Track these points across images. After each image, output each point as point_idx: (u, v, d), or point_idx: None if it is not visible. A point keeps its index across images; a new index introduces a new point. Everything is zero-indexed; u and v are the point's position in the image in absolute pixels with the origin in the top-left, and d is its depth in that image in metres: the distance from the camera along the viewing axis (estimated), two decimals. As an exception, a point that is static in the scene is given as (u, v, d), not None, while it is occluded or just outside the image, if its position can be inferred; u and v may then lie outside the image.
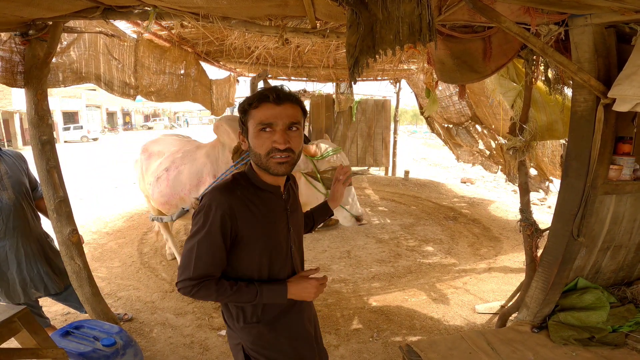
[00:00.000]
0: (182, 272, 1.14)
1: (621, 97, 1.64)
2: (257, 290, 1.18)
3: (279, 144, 1.13)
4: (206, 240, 1.13)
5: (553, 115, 2.50)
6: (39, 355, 1.71)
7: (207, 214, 1.13)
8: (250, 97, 1.18)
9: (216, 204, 1.13)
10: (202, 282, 1.13)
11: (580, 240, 1.95)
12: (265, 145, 1.14)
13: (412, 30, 1.29)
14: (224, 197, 1.15)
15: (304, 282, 1.26)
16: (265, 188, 1.23)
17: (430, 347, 1.89)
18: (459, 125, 5.97)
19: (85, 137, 24.80)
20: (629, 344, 1.85)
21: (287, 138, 1.14)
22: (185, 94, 4.60)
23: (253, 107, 1.15)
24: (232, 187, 1.19)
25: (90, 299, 2.57)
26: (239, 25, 2.41)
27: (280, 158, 1.14)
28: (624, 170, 1.91)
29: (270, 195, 1.24)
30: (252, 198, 1.19)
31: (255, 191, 1.22)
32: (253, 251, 1.20)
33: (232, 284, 1.16)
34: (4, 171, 2.29)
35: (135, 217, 6.05)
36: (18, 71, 2.29)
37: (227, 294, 1.15)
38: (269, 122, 1.13)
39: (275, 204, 1.25)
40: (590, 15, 1.72)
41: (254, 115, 1.15)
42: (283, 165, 1.16)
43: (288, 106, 1.15)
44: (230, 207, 1.13)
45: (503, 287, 3.55)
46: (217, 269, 1.16)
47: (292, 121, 1.15)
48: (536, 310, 2.11)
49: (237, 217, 1.14)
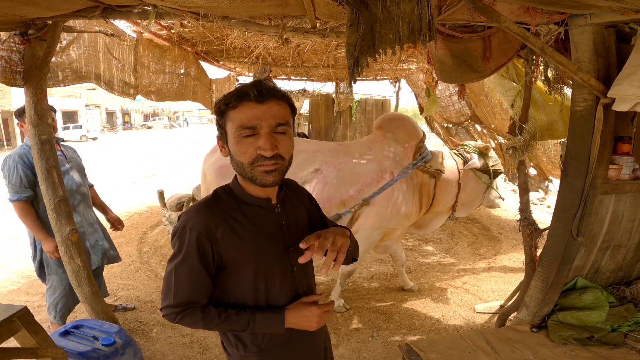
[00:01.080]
0: (164, 299, 1.03)
1: (621, 96, 1.64)
2: (249, 318, 1.03)
3: (264, 150, 0.95)
4: (184, 265, 1.00)
5: (553, 114, 2.51)
6: (39, 354, 1.71)
7: (181, 237, 1.00)
8: (226, 96, 0.99)
9: (190, 225, 0.99)
10: (185, 309, 1.01)
11: (579, 239, 1.95)
12: (248, 152, 0.97)
13: (412, 30, 1.29)
14: (200, 217, 1.00)
15: (304, 310, 1.08)
16: (252, 202, 1.07)
17: (429, 347, 1.89)
18: (458, 125, 5.96)
19: (84, 136, 24.76)
20: (628, 344, 1.85)
21: (274, 142, 0.96)
22: (186, 93, 4.60)
23: (231, 107, 0.97)
24: (210, 204, 1.04)
25: (90, 299, 2.56)
26: (239, 25, 2.41)
27: (268, 166, 0.96)
28: (623, 170, 1.91)
29: (258, 210, 1.07)
30: (235, 215, 1.04)
31: (240, 207, 1.05)
32: (244, 275, 1.05)
33: (220, 312, 1.03)
34: (70, 156, 2.78)
35: (135, 217, 6.04)
36: (17, 70, 2.29)
37: (214, 322, 1.02)
38: (252, 125, 0.95)
39: (266, 220, 1.08)
40: (590, 15, 1.72)
41: (232, 117, 0.97)
42: (271, 174, 0.98)
43: (273, 104, 0.97)
44: (206, 228, 0.99)
45: (502, 287, 3.55)
46: (202, 296, 1.03)
47: (279, 122, 0.97)
48: (535, 310, 2.11)
49: (218, 238, 1.00)
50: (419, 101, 7.48)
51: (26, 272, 3.95)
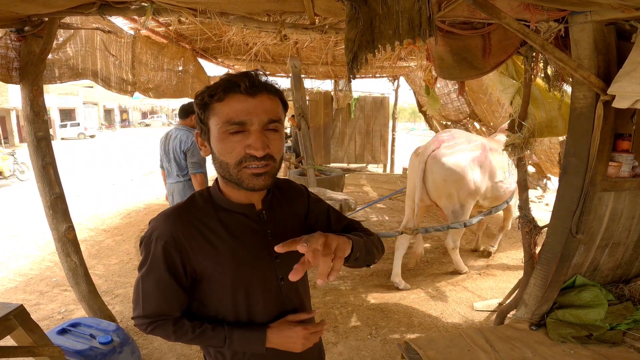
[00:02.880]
0: (134, 309, 0.94)
1: (621, 93, 1.63)
2: (225, 335, 0.92)
3: (255, 150, 0.83)
4: (150, 276, 0.90)
5: (552, 112, 2.50)
6: (35, 353, 1.71)
7: (147, 246, 0.90)
8: (211, 87, 0.86)
9: (157, 234, 0.89)
10: (156, 321, 0.92)
11: (578, 237, 1.95)
12: (235, 151, 0.84)
13: (412, 26, 1.28)
14: (167, 225, 0.89)
15: (288, 330, 0.96)
16: (232, 209, 0.95)
17: (428, 345, 1.89)
18: (457, 123, 5.97)
19: (82, 134, 24.70)
20: (626, 342, 1.85)
21: (265, 141, 0.84)
22: (184, 91, 4.59)
23: (216, 99, 0.84)
24: (182, 211, 0.93)
25: (87, 297, 2.56)
26: (237, 21, 2.40)
27: (257, 168, 0.85)
28: (622, 167, 1.91)
29: (239, 217, 0.95)
30: (210, 224, 0.92)
31: (217, 214, 0.94)
32: (221, 288, 0.94)
33: (195, 326, 0.93)
34: None
35: (133, 214, 6.03)
36: (13, 67, 2.27)
37: (188, 337, 0.92)
38: (241, 120, 0.83)
39: (247, 229, 0.95)
40: (591, 12, 1.71)
41: (218, 110, 0.85)
42: (260, 178, 0.86)
43: (265, 98, 0.85)
44: (173, 238, 0.88)
45: (501, 285, 3.56)
46: (172, 309, 0.92)
47: (272, 118, 0.86)
48: (534, 308, 2.11)
49: (189, 249, 0.89)
50: (417, 99, 7.48)
51: (23, 270, 3.93)
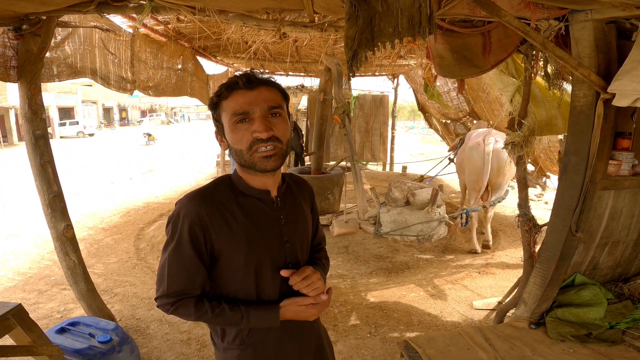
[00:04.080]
0: (158, 288, 1.03)
1: (621, 92, 1.63)
2: (242, 314, 1.01)
3: (259, 132, 0.96)
4: (176, 253, 1.00)
5: (552, 110, 2.50)
6: (34, 352, 1.70)
7: (175, 224, 1.00)
8: (218, 89, 1.02)
9: (184, 213, 0.99)
10: (179, 300, 1.01)
11: (578, 235, 1.95)
12: (245, 138, 0.98)
13: (412, 23, 1.27)
14: (193, 205, 1.00)
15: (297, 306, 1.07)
16: (250, 193, 1.06)
17: (428, 343, 1.89)
18: (456, 121, 5.96)
19: (81, 132, 24.62)
20: (626, 341, 1.85)
21: (268, 124, 0.97)
22: (183, 89, 4.57)
23: (223, 98, 1.00)
24: (206, 193, 1.04)
25: (86, 296, 2.55)
26: (236, 19, 2.39)
27: (266, 150, 0.97)
28: (622, 166, 1.91)
29: (255, 202, 1.06)
30: (230, 206, 1.03)
31: (236, 198, 1.05)
32: (234, 267, 1.04)
33: (214, 306, 1.01)
34: None
35: (132, 213, 6.02)
36: (11, 66, 2.27)
37: (207, 316, 1.01)
38: (244, 111, 0.96)
39: (262, 213, 1.06)
40: (591, 10, 1.71)
41: (226, 107, 0.99)
42: (271, 159, 0.98)
43: (263, 89, 0.99)
44: (199, 217, 0.98)
45: (500, 283, 3.56)
46: (195, 286, 1.02)
47: (271, 105, 0.98)
48: (534, 307, 2.10)
49: (210, 228, 0.99)
50: (417, 97, 7.47)
51: (22, 268, 3.93)
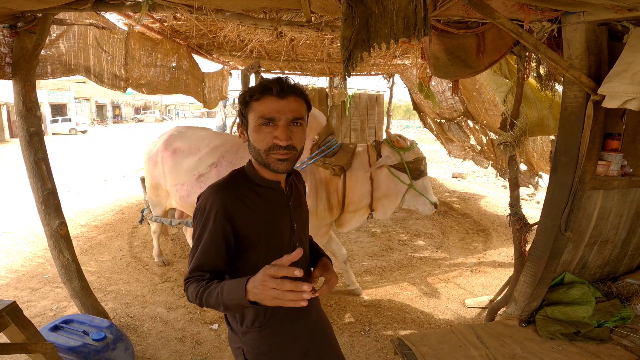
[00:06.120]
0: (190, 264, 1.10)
1: (611, 93, 1.66)
2: (219, 290, 0.97)
3: (280, 140, 1.07)
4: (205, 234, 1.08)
5: (544, 111, 2.53)
6: (28, 349, 1.70)
7: (203, 213, 1.10)
8: (252, 88, 1.11)
9: (210, 202, 1.09)
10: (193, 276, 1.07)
11: (567, 234, 1.98)
12: (265, 140, 1.08)
13: (407, 25, 1.29)
14: (217, 195, 1.10)
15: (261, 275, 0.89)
16: (264, 184, 1.18)
17: (421, 341, 1.92)
18: (451, 121, 6.00)
19: (73, 129, 24.34)
20: (613, 339, 1.89)
21: (289, 134, 1.08)
22: (177, 87, 4.55)
23: (255, 99, 1.09)
24: (227, 185, 1.15)
25: (80, 293, 2.54)
26: (233, 18, 2.39)
27: (281, 155, 1.08)
28: (611, 166, 1.94)
29: (269, 191, 1.19)
30: (249, 195, 1.14)
31: (254, 188, 1.17)
32: (255, 251, 1.14)
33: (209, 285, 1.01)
34: None
35: (125, 210, 5.99)
36: (6, 63, 2.25)
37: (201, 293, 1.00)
38: (271, 117, 1.07)
39: (276, 201, 1.20)
40: (583, 12, 1.74)
41: (255, 108, 1.09)
42: (284, 163, 1.10)
43: (292, 100, 1.09)
44: (224, 206, 1.08)
45: (492, 282, 3.60)
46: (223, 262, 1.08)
47: (296, 116, 1.09)
48: (524, 305, 2.14)
49: (234, 216, 1.09)
50: (412, 96, 7.50)
51: (15, 266, 3.90)
